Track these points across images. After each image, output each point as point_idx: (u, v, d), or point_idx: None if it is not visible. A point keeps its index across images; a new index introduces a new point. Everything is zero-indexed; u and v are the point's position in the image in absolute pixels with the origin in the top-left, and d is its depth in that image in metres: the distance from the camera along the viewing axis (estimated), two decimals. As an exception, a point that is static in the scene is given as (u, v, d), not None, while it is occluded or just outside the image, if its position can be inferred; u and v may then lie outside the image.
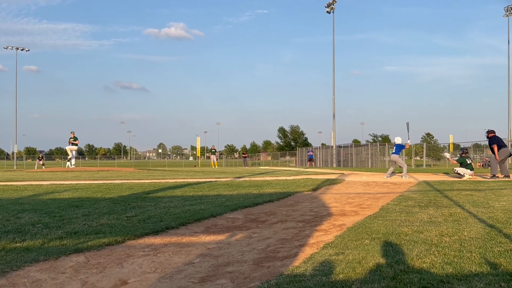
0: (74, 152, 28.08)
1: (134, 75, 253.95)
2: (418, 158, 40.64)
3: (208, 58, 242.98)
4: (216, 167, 43.39)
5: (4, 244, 4.29)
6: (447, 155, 19.11)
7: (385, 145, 40.09)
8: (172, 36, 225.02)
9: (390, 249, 3.90)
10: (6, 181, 14.35)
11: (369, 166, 37.98)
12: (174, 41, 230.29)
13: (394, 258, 3.57)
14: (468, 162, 15.89)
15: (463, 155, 16.38)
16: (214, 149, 48.39)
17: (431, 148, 48.09)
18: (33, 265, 3.62)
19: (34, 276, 3.38)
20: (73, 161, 28.27)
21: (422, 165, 36.23)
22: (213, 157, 46.70)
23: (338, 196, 9.74)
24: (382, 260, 3.51)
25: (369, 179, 15.67)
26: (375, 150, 40.57)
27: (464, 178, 15.02)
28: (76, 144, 28.17)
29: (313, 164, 47.55)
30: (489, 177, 15.30)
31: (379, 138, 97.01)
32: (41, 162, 47.19)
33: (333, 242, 4.37)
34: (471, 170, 15.70)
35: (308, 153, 50.07)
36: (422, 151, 37.37)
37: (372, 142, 60.94)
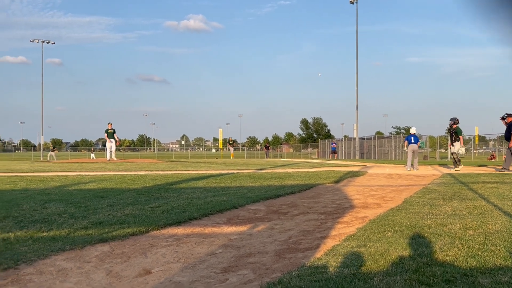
0: (112, 144, 26.46)
1: (156, 68, 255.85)
2: (442, 150, 40.06)
3: (228, 50, 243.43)
4: (231, 157, 43.24)
5: (32, 233, 4.39)
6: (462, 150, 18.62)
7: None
8: (191, 29, 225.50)
9: (413, 242, 3.88)
10: (33, 172, 14.64)
11: (392, 158, 37.60)
12: (193, 34, 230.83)
13: (417, 251, 3.55)
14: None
15: (454, 126, 16.00)
16: (231, 140, 48.19)
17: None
18: (59, 254, 3.70)
19: (61, 264, 3.46)
20: (110, 154, 26.88)
21: (446, 157, 35.71)
22: (232, 149, 46.81)
23: (361, 188, 9.69)
24: (404, 253, 3.49)
25: (392, 172, 15.53)
26: (399, 142, 40.09)
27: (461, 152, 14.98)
28: (113, 136, 26.45)
29: (336, 156, 47.20)
30: (499, 169, 14.91)
31: (403, 130, 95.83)
32: (53, 154, 46.83)
33: (355, 234, 4.35)
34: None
35: (332, 145, 49.66)
36: (447, 143, 36.82)
37: (395, 134, 60.24)
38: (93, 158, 38.99)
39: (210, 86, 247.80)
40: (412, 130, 16.92)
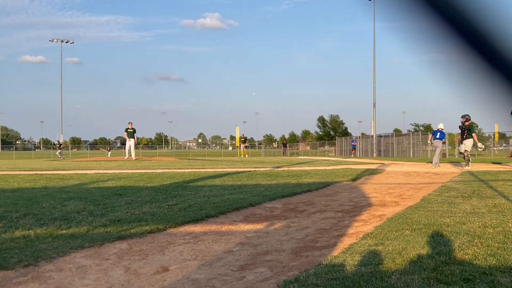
0: (132, 144, 26.16)
1: (173, 66, 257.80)
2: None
3: (245, 48, 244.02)
4: (243, 155, 42.55)
5: (51, 231, 4.45)
6: (480, 146, 18.33)
7: (427, 134, 39.22)
8: (208, 27, 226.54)
9: (431, 240, 3.84)
10: (53, 170, 14.85)
11: (411, 156, 37.29)
12: (210, 32, 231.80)
13: (435, 249, 3.52)
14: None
15: (466, 123, 15.62)
16: (243, 137, 47.40)
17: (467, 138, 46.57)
18: (78, 251, 3.74)
19: (80, 262, 3.51)
20: (127, 152, 26.72)
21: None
22: (242, 146, 45.76)
23: (378, 186, 9.63)
24: (422, 251, 3.47)
25: (410, 169, 15.40)
26: (417, 139, 39.78)
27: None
28: (133, 135, 26.19)
29: (353, 153, 46.72)
30: None
31: (421, 128, 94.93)
32: (58, 152, 46.40)
33: (373, 232, 4.33)
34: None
35: (352, 142, 48.94)
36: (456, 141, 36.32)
37: (413, 132, 59.69)
38: (109, 156, 39.28)
39: (226, 84, 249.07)
40: (440, 126, 16.65)
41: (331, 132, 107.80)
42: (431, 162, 16.62)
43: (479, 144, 16.04)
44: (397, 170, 15.01)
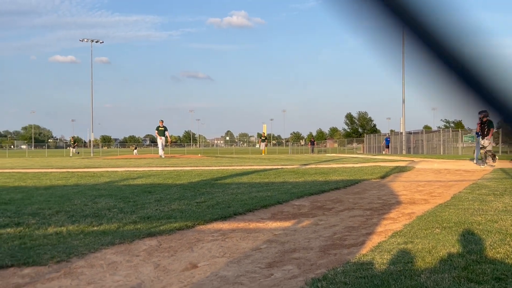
0: (163, 142, 25.95)
1: (200, 65, 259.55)
2: (494, 144, 38.64)
3: (271, 45, 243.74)
4: (264, 154, 41.72)
5: (83, 228, 4.55)
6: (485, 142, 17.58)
7: (458, 131, 38.53)
8: (234, 25, 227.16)
9: (462, 239, 3.78)
10: (84, 168, 15.13)
11: (441, 153, 36.66)
12: (236, 30, 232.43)
13: (466, 248, 3.46)
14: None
15: (485, 119, 14.75)
16: (264, 136, 46.08)
17: (508, 134, 45.40)
18: (109, 248, 3.81)
19: (110, 258, 3.57)
20: (160, 151, 26.45)
21: (497, 152, 34.48)
22: (262, 144, 44.15)
23: (408, 184, 9.50)
24: (453, 250, 3.41)
25: (441, 167, 15.14)
26: (448, 136, 39.09)
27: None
28: (164, 133, 25.89)
29: (386, 151, 45.53)
30: None
31: (452, 124, 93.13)
32: (74, 150, 46.32)
33: (402, 230, 4.28)
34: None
35: (386, 140, 47.30)
36: (498, 137, 35.50)
37: (444, 128, 58.63)
38: (135, 154, 39.68)
39: (253, 82, 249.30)
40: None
41: (359, 129, 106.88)
42: (473, 159, 16.13)
43: (486, 141, 15.30)
44: (427, 168, 14.78)
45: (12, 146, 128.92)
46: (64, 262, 3.38)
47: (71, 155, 42.44)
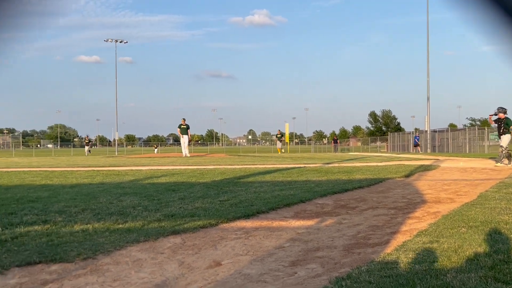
0: (186, 141, 25.64)
1: (223, 64, 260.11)
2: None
3: (294, 43, 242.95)
4: (279, 152, 40.91)
5: (108, 225, 4.61)
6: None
7: (484, 129, 37.83)
8: (256, 24, 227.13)
9: (489, 238, 3.71)
10: (109, 167, 15.34)
11: (467, 152, 36.06)
12: (258, 29, 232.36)
13: (493, 247, 3.40)
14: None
15: (503, 117, 14.19)
16: (280, 134, 44.42)
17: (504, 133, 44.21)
18: (134, 245, 3.85)
19: (135, 255, 3.61)
20: (184, 150, 26.00)
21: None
22: (279, 144, 43.31)
23: (433, 182, 9.38)
24: (479, 249, 3.36)
25: (467, 165, 14.89)
26: (473, 134, 38.43)
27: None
28: (186, 131, 25.53)
29: (416, 149, 44.33)
30: None
31: (477, 122, 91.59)
32: (86, 148, 46.13)
33: (427, 230, 4.23)
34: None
35: (416, 138, 45.73)
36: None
37: (470, 126, 57.68)
38: (156, 152, 39.91)
39: (275, 80, 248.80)
40: None
41: (383, 127, 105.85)
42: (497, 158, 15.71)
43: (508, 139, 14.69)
44: (452, 166, 14.56)
45: (38, 145, 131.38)
46: (90, 259, 3.42)
47: (86, 155, 42.61)
